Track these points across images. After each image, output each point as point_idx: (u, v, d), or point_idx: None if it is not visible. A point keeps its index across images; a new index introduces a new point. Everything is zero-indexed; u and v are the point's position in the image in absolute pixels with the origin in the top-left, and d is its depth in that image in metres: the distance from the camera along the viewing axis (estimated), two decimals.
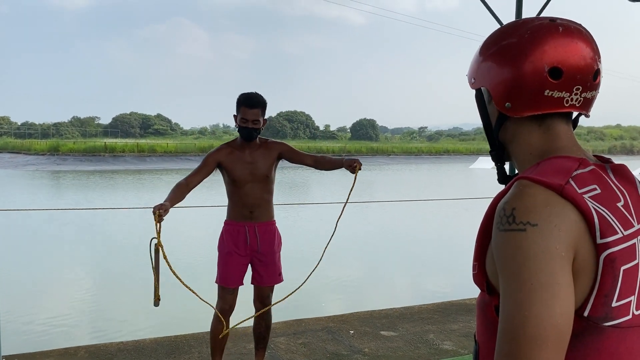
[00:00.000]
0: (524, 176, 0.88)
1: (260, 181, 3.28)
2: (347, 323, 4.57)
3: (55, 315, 6.48)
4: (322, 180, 29.59)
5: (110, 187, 24.81)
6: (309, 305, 6.50)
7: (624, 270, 0.82)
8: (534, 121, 0.96)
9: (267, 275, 3.34)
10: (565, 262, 0.80)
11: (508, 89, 0.95)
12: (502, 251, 0.83)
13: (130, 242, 11.38)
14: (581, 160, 0.90)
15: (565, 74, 0.90)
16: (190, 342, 4.08)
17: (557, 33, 0.91)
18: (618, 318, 0.83)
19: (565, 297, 0.79)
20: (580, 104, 0.93)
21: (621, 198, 0.88)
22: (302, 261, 9.73)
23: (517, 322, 0.79)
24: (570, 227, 0.81)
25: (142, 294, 7.55)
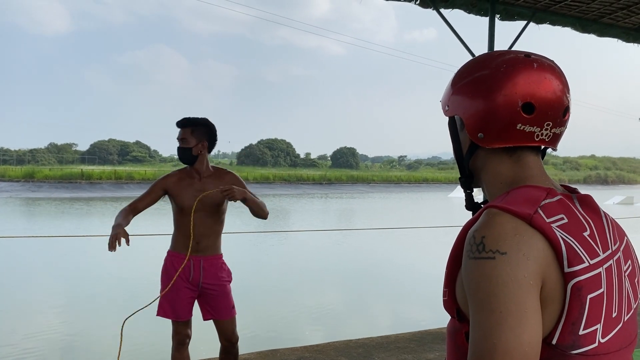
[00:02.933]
0: (493, 205, 0.90)
1: (210, 212, 3.14)
2: (323, 353, 4.50)
3: (26, 343, 6.27)
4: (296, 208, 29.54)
5: (86, 214, 24.38)
6: (285, 335, 6.41)
7: (591, 298, 0.84)
8: (504, 152, 0.98)
9: (220, 309, 3.18)
10: (534, 291, 0.81)
11: (481, 120, 0.97)
12: (471, 279, 0.84)
13: (105, 269, 11.15)
14: (549, 190, 0.92)
15: (537, 109, 0.93)
16: None
17: (531, 68, 0.94)
18: (585, 346, 0.84)
19: (534, 325, 0.79)
20: (549, 138, 0.95)
21: (587, 227, 0.90)
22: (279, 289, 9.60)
23: (485, 349, 0.79)
24: (539, 255, 0.82)
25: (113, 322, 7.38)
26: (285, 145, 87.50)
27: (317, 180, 58.13)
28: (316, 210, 29.20)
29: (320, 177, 59.70)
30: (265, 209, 3.18)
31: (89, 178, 44.05)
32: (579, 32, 6.11)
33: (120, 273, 10.76)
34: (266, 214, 3.18)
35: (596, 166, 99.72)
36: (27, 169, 46.90)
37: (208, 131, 3.18)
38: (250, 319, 6.86)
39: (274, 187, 48.76)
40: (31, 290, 9.48)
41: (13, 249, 12.97)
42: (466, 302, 0.88)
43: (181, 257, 3.12)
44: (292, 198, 37.83)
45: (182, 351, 3.19)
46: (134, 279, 10.01)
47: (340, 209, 30.27)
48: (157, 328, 6.32)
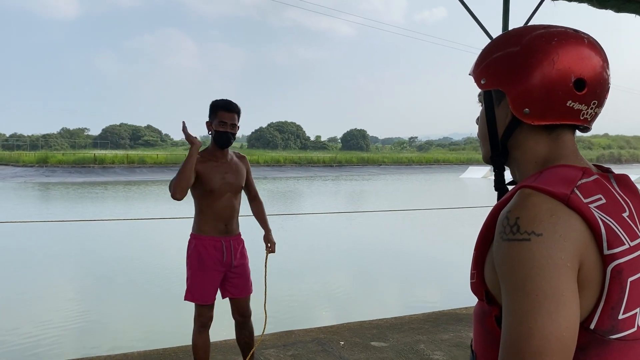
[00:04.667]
0: (526, 184, 0.87)
1: (235, 192, 3.24)
2: (338, 334, 4.54)
3: (44, 329, 6.38)
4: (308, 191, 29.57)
5: (100, 198, 24.61)
6: (300, 317, 6.46)
7: (631, 281, 0.82)
8: (544, 129, 0.94)
9: (243, 286, 3.29)
10: (571, 273, 0.79)
11: (529, 95, 0.91)
12: (505, 261, 0.82)
13: (119, 253, 11.29)
14: (585, 170, 0.89)
15: (588, 86, 0.90)
16: (179, 355, 4.03)
17: (582, 44, 0.91)
18: (624, 330, 0.82)
19: (571, 309, 0.77)
20: (591, 117, 0.93)
21: (626, 208, 0.87)
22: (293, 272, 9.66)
23: (521, 334, 0.77)
24: (576, 237, 0.80)
25: (130, 305, 7.50)
26: (295, 127, 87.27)
27: (327, 162, 58.00)
28: (327, 192, 29.22)
29: (331, 159, 59.56)
30: None
31: (102, 162, 44.32)
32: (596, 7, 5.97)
33: (136, 256, 10.89)
34: None
35: (609, 145, 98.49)
36: (40, 154, 47.28)
37: (240, 116, 3.31)
38: None
39: (284, 170, 48.77)
40: (49, 275, 9.64)
41: (30, 233, 13.15)
42: (496, 285, 0.86)
43: (211, 240, 3.17)
44: (303, 181, 37.82)
45: (205, 333, 3.23)
46: (150, 261, 10.13)
47: (351, 191, 30.25)
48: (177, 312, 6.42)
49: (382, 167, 60.45)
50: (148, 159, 47.47)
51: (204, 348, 3.24)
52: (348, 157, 62.45)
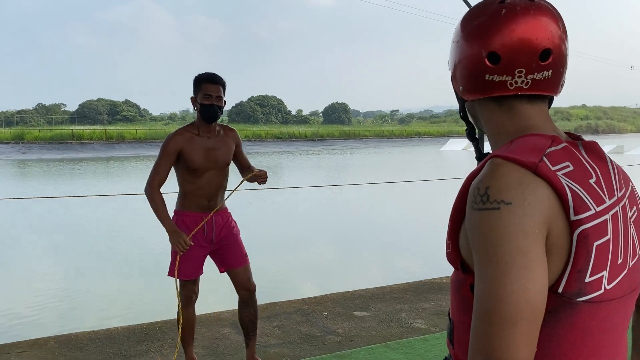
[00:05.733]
0: (497, 154, 0.89)
1: (220, 169, 3.15)
2: (321, 305, 4.61)
3: (26, 306, 6.36)
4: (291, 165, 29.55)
5: (79, 175, 24.29)
6: (284, 289, 6.52)
7: (597, 246, 0.84)
8: (493, 102, 0.97)
9: (234, 257, 3.22)
10: (539, 240, 0.81)
11: (459, 73, 0.99)
12: (476, 230, 0.84)
13: (101, 229, 11.21)
14: (553, 138, 0.90)
15: (503, 58, 0.91)
16: (164, 329, 4.06)
17: (498, 16, 0.92)
18: (591, 293, 0.84)
19: (539, 275, 0.80)
20: (528, 86, 0.92)
21: (593, 174, 0.89)
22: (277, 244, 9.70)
23: (491, 301, 0.79)
24: (544, 204, 0.82)
25: (113, 281, 7.49)
26: (276, 101, 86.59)
27: (309, 137, 57.86)
28: (310, 166, 29.23)
29: (313, 133, 59.39)
30: None
31: (80, 138, 43.62)
32: None
33: (120, 231, 10.82)
34: None
35: (587, 116, 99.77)
36: (16, 131, 46.30)
37: (225, 89, 3.18)
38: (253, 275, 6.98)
39: (266, 145, 48.57)
40: (30, 252, 9.54)
41: (8, 211, 12.95)
42: (470, 254, 0.87)
43: (193, 216, 3.11)
44: (286, 155, 37.76)
45: (189, 309, 3.24)
46: (129, 237, 10.08)
47: (334, 165, 30.30)
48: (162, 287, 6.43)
49: (364, 140, 60.54)
50: (127, 135, 46.85)
51: (188, 322, 3.26)
52: (330, 131, 62.35)
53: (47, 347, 3.72)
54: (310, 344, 3.78)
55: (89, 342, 3.81)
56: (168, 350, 3.69)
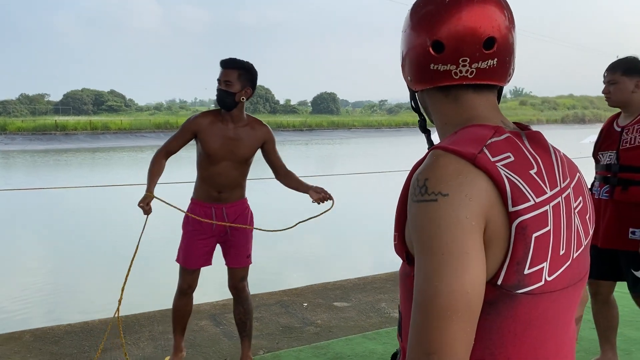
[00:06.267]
0: (438, 146, 0.88)
1: (237, 162, 3.01)
2: (302, 296, 4.60)
3: (9, 300, 6.30)
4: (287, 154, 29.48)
5: (63, 166, 24.03)
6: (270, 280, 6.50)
7: (536, 237, 0.83)
8: (439, 92, 0.96)
9: (234, 257, 3.14)
10: (476, 232, 0.80)
11: (407, 63, 0.98)
12: (415, 222, 0.83)
13: (86, 221, 11.10)
14: (496, 128, 0.89)
15: (447, 47, 0.90)
16: (141, 321, 4.03)
17: (443, 5, 0.91)
18: (530, 285, 0.83)
19: (476, 267, 0.79)
20: (473, 75, 0.91)
21: (534, 165, 0.87)
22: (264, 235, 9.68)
23: (428, 293, 0.78)
24: (482, 196, 0.81)
25: (98, 273, 7.43)
26: (264, 91, 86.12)
27: (297, 126, 57.69)
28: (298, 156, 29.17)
29: (301, 123, 59.25)
30: None
31: (64, 129, 43.11)
32: None
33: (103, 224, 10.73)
34: None
35: (574, 105, 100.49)
36: None
37: (253, 78, 2.98)
38: None
39: None
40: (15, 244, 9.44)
41: None
42: None
43: (203, 206, 3.04)
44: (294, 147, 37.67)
45: (183, 299, 3.16)
46: (116, 229, 10.00)
47: (320, 155, 30.29)
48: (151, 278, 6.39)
49: (353, 130, 60.50)
50: (112, 125, 46.42)
51: (180, 312, 3.17)
52: (318, 121, 62.23)
53: (22, 341, 3.68)
54: (288, 335, 3.78)
55: (64, 336, 3.77)
56: (145, 342, 3.66)
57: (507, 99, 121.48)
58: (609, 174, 2.80)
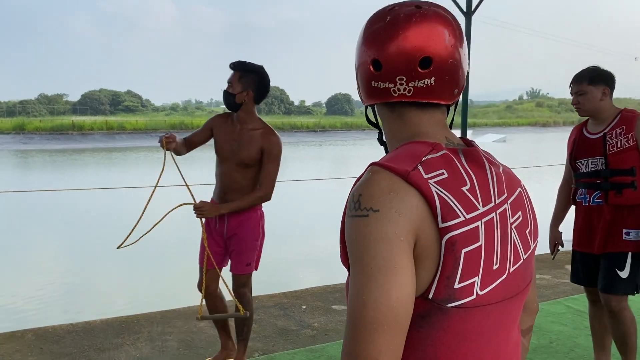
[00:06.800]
0: (375, 162, 0.90)
1: (238, 164, 3.03)
2: (301, 299, 4.62)
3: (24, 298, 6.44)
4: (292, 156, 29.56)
5: (80, 165, 24.37)
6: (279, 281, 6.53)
7: (465, 252, 0.84)
8: (386, 108, 0.99)
9: (233, 262, 3.15)
10: (405, 247, 0.81)
11: (357, 78, 1.01)
12: (348, 236, 0.85)
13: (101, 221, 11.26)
14: (434, 145, 0.91)
15: (384, 65, 0.92)
16: (141, 322, 4.08)
17: (383, 23, 0.93)
18: (461, 299, 0.85)
19: (404, 281, 0.80)
20: (411, 93, 0.92)
21: (467, 182, 0.89)
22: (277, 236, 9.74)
23: (357, 306, 0.80)
24: (412, 212, 0.83)
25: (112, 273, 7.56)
26: (279, 92, 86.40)
27: (311, 128, 57.75)
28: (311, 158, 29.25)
29: (315, 124, 59.30)
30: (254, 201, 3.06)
31: (81, 129, 43.66)
32: None
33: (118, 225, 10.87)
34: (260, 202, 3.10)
35: None
36: (17, 121, 46.33)
37: (257, 80, 3.00)
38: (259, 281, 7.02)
39: None
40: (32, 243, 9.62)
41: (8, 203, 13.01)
42: None
43: (214, 204, 3.10)
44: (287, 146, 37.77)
45: (208, 300, 3.22)
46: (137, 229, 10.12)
47: (334, 156, 30.33)
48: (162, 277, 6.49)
49: (367, 131, 60.32)
50: (128, 125, 46.88)
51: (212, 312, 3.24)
52: (332, 122, 62.21)
53: (24, 340, 3.75)
54: (284, 338, 3.80)
55: (65, 335, 3.83)
56: (143, 343, 3.71)
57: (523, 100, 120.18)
58: (599, 180, 2.80)
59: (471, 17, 5.07)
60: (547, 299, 4.55)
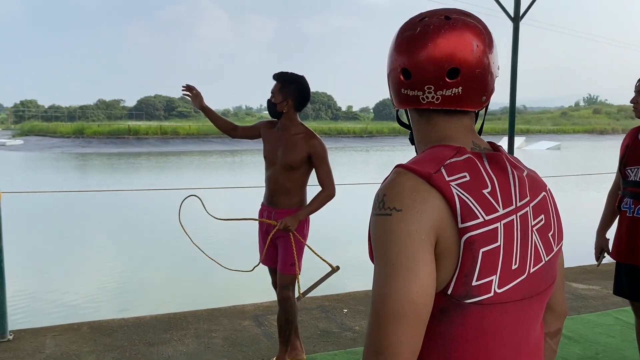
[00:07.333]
0: (401, 164, 0.96)
1: (283, 168, 3.16)
2: (342, 302, 4.67)
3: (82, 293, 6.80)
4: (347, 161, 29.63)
5: (137, 168, 25.30)
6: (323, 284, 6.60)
7: (483, 252, 0.89)
8: (415, 112, 1.04)
9: (280, 262, 3.25)
10: (426, 245, 0.87)
11: (388, 84, 1.06)
12: (373, 233, 0.92)
13: (154, 222, 11.69)
14: (458, 149, 0.96)
15: (413, 75, 0.97)
16: (188, 319, 4.24)
17: (413, 34, 0.97)
18: (479, 296, 0.89)
19: (424, 277, 0.85)
20: (439, 101, 0.97)
21: (489, 185, 0.93)
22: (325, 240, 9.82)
23: (379, 298, 0.86)
24: (433, 212, 0.88)
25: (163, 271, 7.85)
26: (326, 98, 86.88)
27: (357, 133, 57.69)
28: (357, 163, 29.25)
29: (362, 130, 59.21)
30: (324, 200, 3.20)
31: (136, 133, 45.28)
32: None
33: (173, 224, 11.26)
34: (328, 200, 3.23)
35: None
36: (77, 125, 48.63)
37: (297, 90, 3.12)
38: None
39: None
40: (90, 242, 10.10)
41: (69, 203, 13.69)
42: None
43: (262, 207, 3.33)
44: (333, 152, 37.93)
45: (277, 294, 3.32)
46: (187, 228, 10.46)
47: (381, 162, 30.19)
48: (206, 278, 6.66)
49: None
50: (181, 130, 48.25)
51: None
52: (379, 128, 61.93)
53: (80, 332, 3.97)
54: (325, 339, 3.86)
55: (117, 329, 4.03)
56: (190, 339, 3.86)
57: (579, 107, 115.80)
58: None
59: (519, 22, 5.00)
60: (596, 310, 4.43)
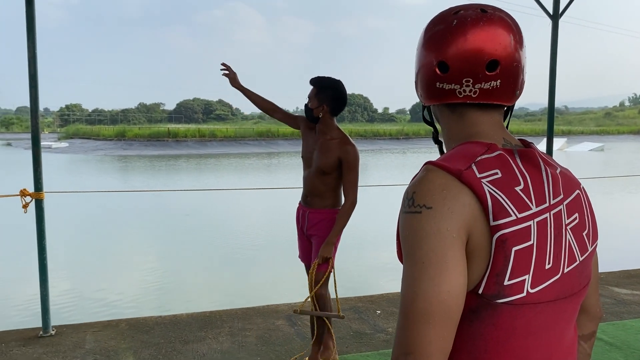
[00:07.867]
0: (430, 161, 0.94)
1: (316, 171, 3.20)
2: (375, 303, 4.65)
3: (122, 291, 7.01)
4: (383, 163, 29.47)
5: (177, 170, 25.86)
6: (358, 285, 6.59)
7: (516, 250, 0.85)
8: (447, 108, 1.01)
9: (314, 255, 3.31)
10: (457, 243, 0.84)
11: (418, 80, 1.03)
12: (402, 231, 0.89)
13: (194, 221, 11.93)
14: (489, 146, 0.93)
15: (451, 67, 0.94)
16: (223, 318, 4.30)
17: (450, 27, 0.95)
18: (511, 295, 0.86)
19: (454, 276, 0.83)
20: (477, 94, 0.95)
21: (521, 182, 0.90)
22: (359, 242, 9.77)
23: (408, 297, 0.84)
24: (464, 210, 0.85)
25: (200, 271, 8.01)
26: (362, 100, 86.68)
27: (393, 135, 57.24)
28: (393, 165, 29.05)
29: (398, 132, 58.70)
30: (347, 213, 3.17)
31: (175, 136, 46.20)
32: None
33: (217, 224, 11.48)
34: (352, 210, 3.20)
35: None
36: (118, 128, 49.96)
37: (333, 95, 3.15)
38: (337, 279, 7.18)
39: None
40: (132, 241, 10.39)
41: (112, 203, 14.10)
42: None
43: (300, 206, 3.40)
44: (369, 154, 37.77)
45: None
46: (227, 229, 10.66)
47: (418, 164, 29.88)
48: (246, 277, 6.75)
49: None
50: (218, 133, 48.96)
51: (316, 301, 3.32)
52: (415, 130, 61.24)
53: (118, 328, 4.08)
54: (358, 340, 3.85)
55: (154, 326, 4.12)
56: (224, 337, 3.91)
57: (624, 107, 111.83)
58: None
59: (558, 20, 4.87)
60: (638, 315, 4.26)
